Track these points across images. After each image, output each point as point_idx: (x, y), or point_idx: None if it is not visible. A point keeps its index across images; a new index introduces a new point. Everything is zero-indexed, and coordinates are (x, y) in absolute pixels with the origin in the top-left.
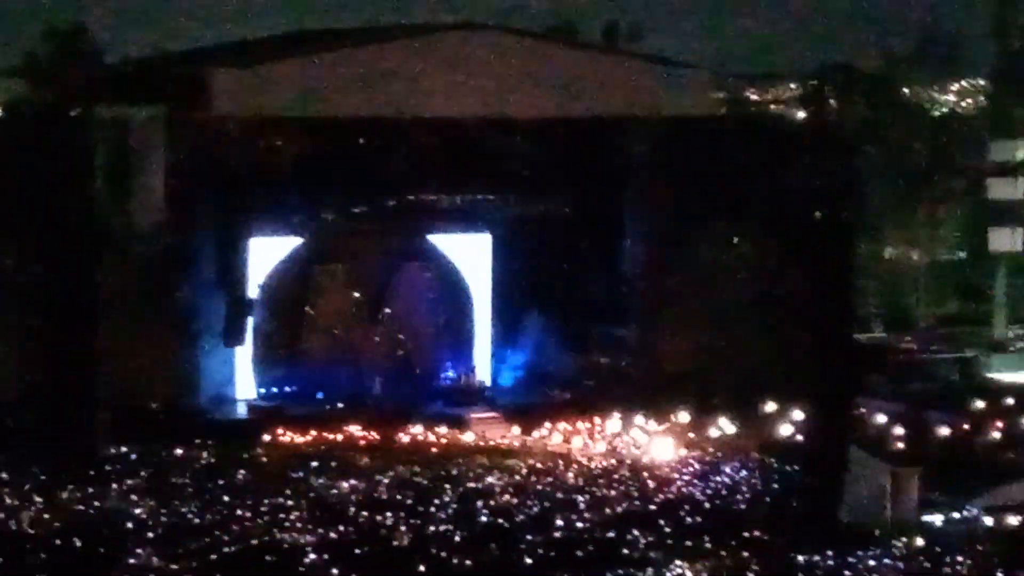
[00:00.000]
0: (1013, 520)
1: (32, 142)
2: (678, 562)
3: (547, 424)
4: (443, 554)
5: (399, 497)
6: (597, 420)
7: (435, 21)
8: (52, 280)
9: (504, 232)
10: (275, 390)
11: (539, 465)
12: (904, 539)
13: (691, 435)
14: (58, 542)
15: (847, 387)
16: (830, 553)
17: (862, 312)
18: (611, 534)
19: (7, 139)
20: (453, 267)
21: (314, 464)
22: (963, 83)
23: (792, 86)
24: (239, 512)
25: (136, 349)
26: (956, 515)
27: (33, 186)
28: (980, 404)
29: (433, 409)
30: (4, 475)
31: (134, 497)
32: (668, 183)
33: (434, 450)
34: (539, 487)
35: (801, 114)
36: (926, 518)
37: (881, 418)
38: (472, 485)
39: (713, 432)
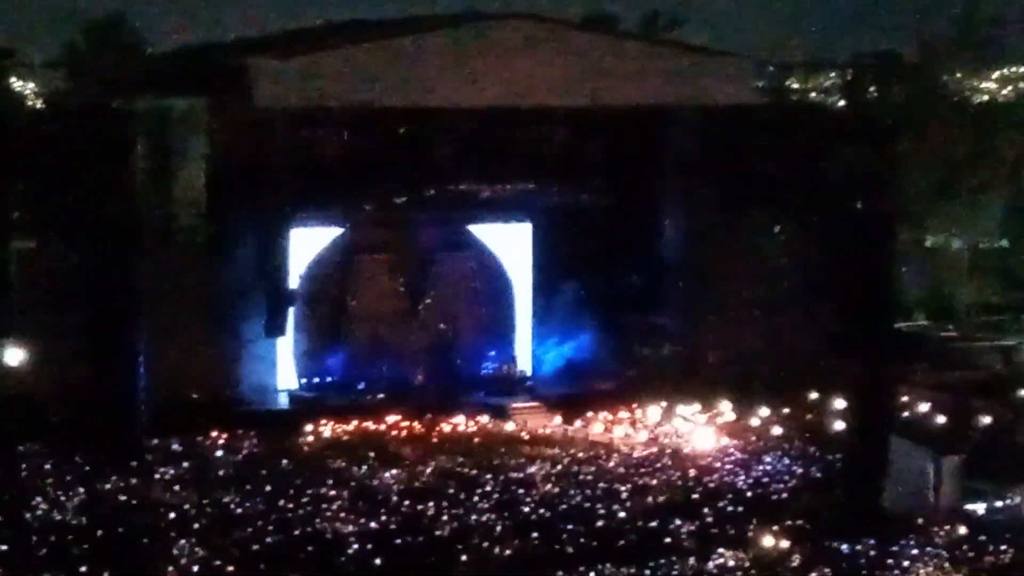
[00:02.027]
0: None
1: (74, 134)
2: (720, 551)
3: (589, 413)
4: (485, 544)
5: (441, 487)
6: (639, 409)
7: (475, 11)
8: (94, 272)
9: (545, 221)
10: (317, 380)
11: (581, 455)
12: (947, 527)
13: (733, 424)
14: (101, 532)
15: (889, 375)
16: (872, 541)
17: (904, 300)
18: (653, 523)
19: (49, 131)
20: (494, 257)
21: (356, 454)
22: (1004, 71)
23: (832, 75)
24: (281, 502)
25: (178, 340)
26: (999, 503)
27: (74, 179)
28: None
29: (474, 398)
30: (48, 466)
31: (177, 488)
32: (708, 172)
33: (476, 440)
34: (581, 477)
35: (842, 103)
36: (969, 506)
37: (924, 406)
38: (514, 475)
39: (755, 421)
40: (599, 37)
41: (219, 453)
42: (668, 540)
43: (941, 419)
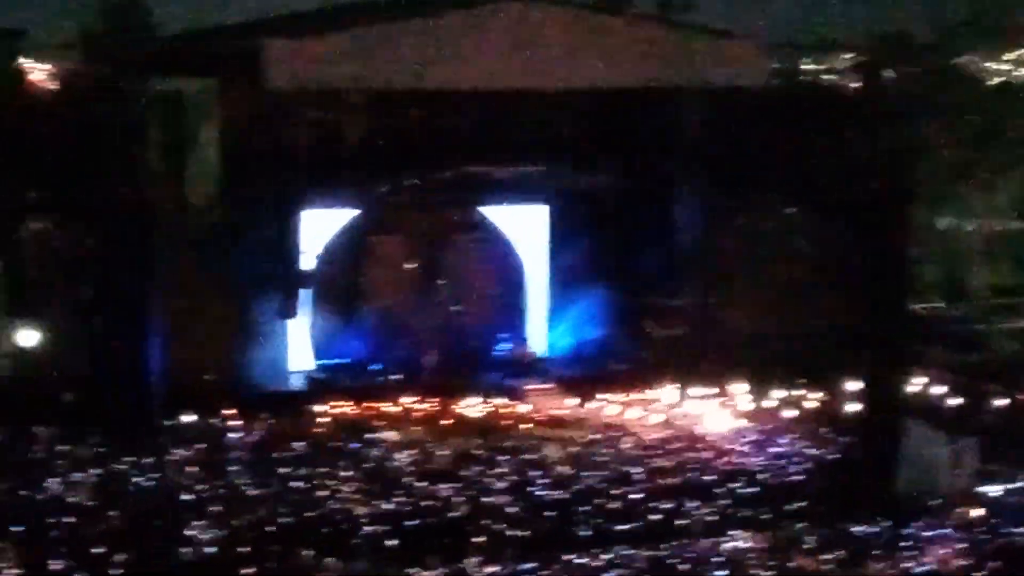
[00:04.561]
0: None
1: (87, 116)
2: (734, 533)
3: (603, 395)
4: (499, 525)
5: (455, 468)
6: (653, 391)
7: None
8: (107, 254)
9: (560, 204)
10: (331, 361)
11: (595, 436)
12: (961, 509)
13: (747, 406)
14: (114, 514)
15: (904, 357)
16: (887, 524)
17: (919, 282)
18: (667, 505)
19: (61, 113)
20: (507, 239)
21: (369, 435)
22: (1019, 51)
23: (845, 56)
24: (294, 483)
25: (191, 321)
26: (1014, 485)
27: (87, 161)
28: None
29: (489, 380)
30: (61, 447)
31: (190, 469)
32: (722, 154)
33: (490, 421)
34: (595, 458)
35: (855, 84)
36: (983, 489)
37: (939, 388)
38: (528, 456)
39: (769, 403)
40: (614, 18)
41: (233, 434)
42: (682, 522)
43: (956, 401)
